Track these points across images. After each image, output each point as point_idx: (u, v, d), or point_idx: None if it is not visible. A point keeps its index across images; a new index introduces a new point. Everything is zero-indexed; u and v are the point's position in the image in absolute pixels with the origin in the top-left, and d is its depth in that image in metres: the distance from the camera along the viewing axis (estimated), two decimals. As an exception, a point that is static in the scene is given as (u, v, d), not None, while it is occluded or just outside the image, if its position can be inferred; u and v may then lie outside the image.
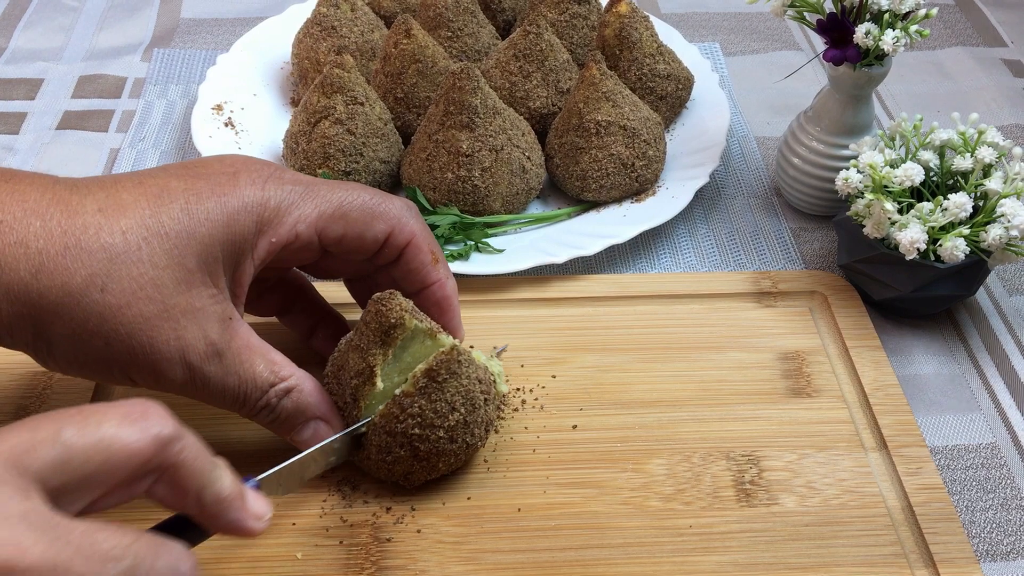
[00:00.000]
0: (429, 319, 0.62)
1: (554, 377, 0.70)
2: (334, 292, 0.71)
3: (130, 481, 0.42)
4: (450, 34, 0.91)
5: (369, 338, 0.59)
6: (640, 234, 0.82)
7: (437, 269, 0.64)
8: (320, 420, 0.60)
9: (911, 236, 0.69)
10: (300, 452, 0.58)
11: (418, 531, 0.61)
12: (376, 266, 0.64)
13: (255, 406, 0.58)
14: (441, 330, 0.62)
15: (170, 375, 0.54)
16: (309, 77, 0.92)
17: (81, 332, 0.52)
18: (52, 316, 0.51)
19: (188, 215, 0.54)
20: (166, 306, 0.53)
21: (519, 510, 0.62)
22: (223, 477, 0.45)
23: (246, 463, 0.64)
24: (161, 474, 0.43)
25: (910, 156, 0.75)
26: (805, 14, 0.78)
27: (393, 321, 0.58)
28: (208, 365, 0.55)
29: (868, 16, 0.75)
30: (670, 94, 0.91)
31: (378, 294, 0.59)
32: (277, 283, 0.68)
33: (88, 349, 0.52)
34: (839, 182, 0.74)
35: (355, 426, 0.60)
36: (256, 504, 0.47)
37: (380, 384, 0.59)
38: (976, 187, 0.72)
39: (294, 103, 0.96)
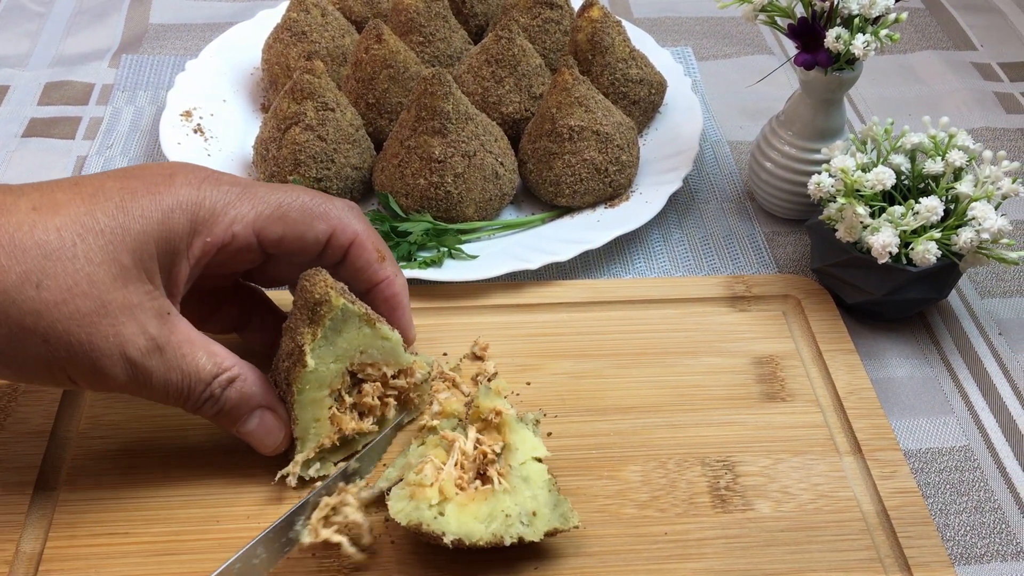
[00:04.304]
0: (364, 304, 0.61)
1: (528, 384, 0.70)
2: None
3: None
4: (422, 39, 0.91)
5: (298, 317, 0.59)
6: (614, 239, 0.82)
7: (384, 267, 0.64)
8: (265, 409, 0.60)
9: (883, 240, 0.69)
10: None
11: (392, 542, 0.60)
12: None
13: (199, 398, 0.57)
14: (381, 319, 0.61)
15: (111, 371, 0.54)
16: (279, 83, 0.92)
17: (18, 331, 0.51)
18: None
19: (123, 212, 0.54)
20: (103, 302, 0.53)
21: (494, 519, 0.62)
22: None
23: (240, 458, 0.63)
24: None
25: (881, 160, 0.76)
26: (776, 18, 0.78)
27: (318, 297, 0.58)
28: (149, 360, 0.55)
29: (839, 20, 0.75)
30: (643, 99, 0.91)
31: (305, 271, 0.59)
32: (231, 296, 0.67)
33: (26, 349, 0.52)
34: (811, 186, 0.74)
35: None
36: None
37: (311, 363, 0.59)
38: (947, 190, 0.73)
39: (264, 109, 0.95)
